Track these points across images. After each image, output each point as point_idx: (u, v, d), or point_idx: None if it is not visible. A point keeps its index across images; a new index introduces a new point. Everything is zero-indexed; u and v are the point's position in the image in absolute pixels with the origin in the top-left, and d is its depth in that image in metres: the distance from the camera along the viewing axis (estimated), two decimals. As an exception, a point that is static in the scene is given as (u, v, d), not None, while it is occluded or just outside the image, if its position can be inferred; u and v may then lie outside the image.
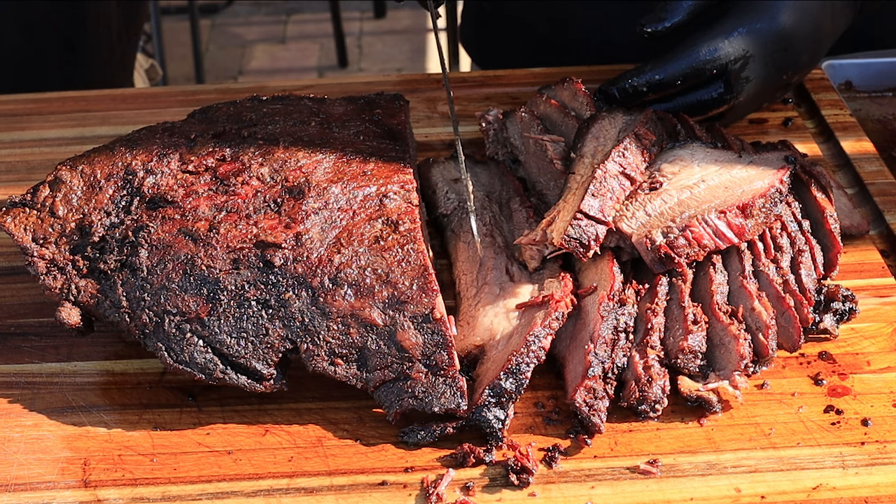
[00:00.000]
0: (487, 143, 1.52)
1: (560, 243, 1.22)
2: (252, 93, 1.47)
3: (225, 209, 1.21)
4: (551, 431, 1.15)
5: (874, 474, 1.10)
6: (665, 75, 1.41)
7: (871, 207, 1.44)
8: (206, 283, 1.17)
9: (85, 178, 1.26)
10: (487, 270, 1.30)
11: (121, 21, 2.05)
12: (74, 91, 1.76)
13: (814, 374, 1.21)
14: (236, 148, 1.28)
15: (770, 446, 1.13)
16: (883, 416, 1.16)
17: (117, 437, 1.16)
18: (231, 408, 1.19)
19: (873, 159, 1.51)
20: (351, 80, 1.93)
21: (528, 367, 1.14)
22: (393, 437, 1.15)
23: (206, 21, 4.97)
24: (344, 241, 1.18)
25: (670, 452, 1.12)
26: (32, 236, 1.23)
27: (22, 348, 1.28)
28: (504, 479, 1.10)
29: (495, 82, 1.74)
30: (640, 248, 1.22)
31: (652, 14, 1.41)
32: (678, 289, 1.22)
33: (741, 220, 1.22)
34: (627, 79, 1.42)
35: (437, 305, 1.15)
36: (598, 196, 1.24)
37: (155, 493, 1.10)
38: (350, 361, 1.15)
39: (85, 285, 1.20)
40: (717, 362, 1.18)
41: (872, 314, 1.28)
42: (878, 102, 1.68)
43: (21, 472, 1.13)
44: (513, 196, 1.40)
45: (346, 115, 1.38)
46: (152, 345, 1.17)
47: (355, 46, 4.83)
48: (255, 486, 1.11)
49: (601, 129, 1.37)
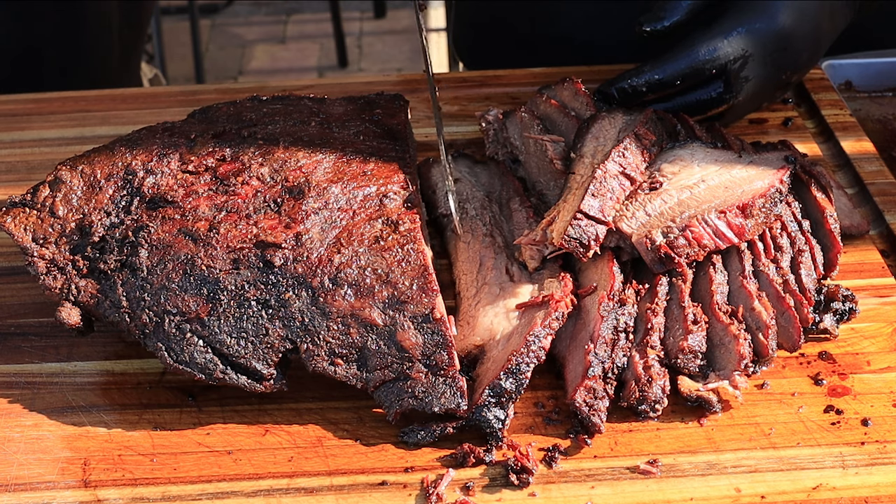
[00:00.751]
0: (487, 143, 1.52)
1: (560, 243, 1.22)
2: (252, 93, 1.47)
3: (225, 209, 1.21)
4: (551, 431, 1.15)
5: (874, 474, 1.10)
6: (664, 75, 1.41)
7: (871, 207, 1.44)
8: (206, 283, 1.17)
9: (85, 178, 1.26)
10: (487, 270, 1.30)
11: (121, 20, 2.05)
12: (74, 91, 1.76)
13: (814, 374, 1.21)
14: (236, 148, 1.28)
15: (770, 446, 1.13)
16: (883, 416, 1.16)
17: (117, 437, 1.16)
18: (231, 408, 1.19)
19: (873, 159, 1.51)
20: (351, 80, 1.93)
21: (528, 367, 1.14)
22: (393, 437, 1.15)
23: (206, 21, 4.98)
24: (344, 241, 1.18)
25: (670, 452, 1.12)
26: (32, 236, 1.23)
27: (22, 348, 1.28)
28: (504, 479, 1.10)
29: (495, 82, 1.74)
30: (640, 248, 1.22)
31: (650, 13, 1.41)
32: (678, 289, 1.22)
33: (741, 220, 1.22)
34: (626, 79, 1.42)
35: (437, 305, 1.15)
36: (598, 196, 1.24)
37: (155, 493, 1.10)
38: (350, 361, 1.15)
39: (85, 285, 1.20)
40: (717, 362, 1.18)
41: (872, 314, 1.28)
42: (878, 102, 1.68)
43: (21, 472, 1.13)
44: (513, 196, 1.40)
45: (346, 115, 1.38)
46: (152, 345, 1.17)
47: (355, 46, 4.83)
48: (255, 486, 1.11)
49: (601, 129, 1.37)
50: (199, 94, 1.74)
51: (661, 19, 1.40)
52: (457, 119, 1.66)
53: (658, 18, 1.40)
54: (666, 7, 1.40)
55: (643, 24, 1.40)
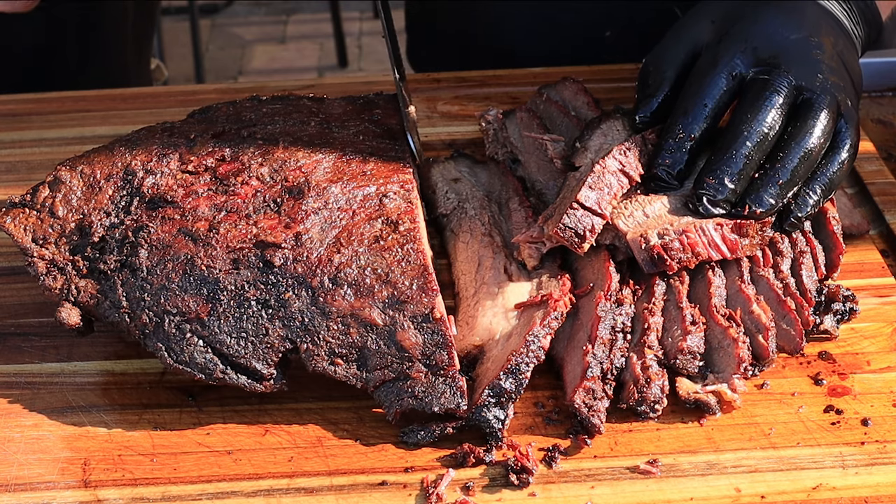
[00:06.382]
0: (487, 143, 1.52)
1: (555, 232, 1.22)
2: (252, 93, 1.47)
3: (225, 209, 1.21)
4: (551, 431, 1.15)
5: (874, 474, 1.10)
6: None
7: (871, 207, 1.44)
8: (206, 283, 1.17)
9: (85, 178, 1.26)
10: (486, 270, 1.30)
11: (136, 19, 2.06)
12: (74, 91, 1.76)
13: (814, 373, 1.21)
14: (236, 148, 1.28)
15: (770, 446, 1.13)
16: (883, 415, 1.16)
17: (117, 437, 1.16)
18: (231, 408, 1.19)
19: (873, 159, 1.51)
20: (350, 80, 1.93)
21: (527, 366, 1.14)
22: (393, 437, 1.15)
23: (206, 21, 4.97)
24: (344, 240, 1.18)
25: (670, 452, 1.12)
26: (32, 237, 1.23)
27: (22, 348, 1.28)
28: (504, 479, 1.10)
29: (495, 82, 1.74)
30: (634, 246, 1.22)
31: (637, 104, 1.36)
32: (675, 290, 1.22)
33: (736, 236, 1.22)
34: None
35: (437, 305, 1.15)
36: (595, 189, 1.24)
37: (155, 493, 1.10)
38: (350, 361, 1.15)
39: (85, 285, 1.20)
40: (716, 364, 1.18)
41: (872, 314, 1.28)
42: (878, 102, 1.68)
43: (21, 472, 1.13)
44: (512, 196, 1.40)
45: (346, 115, 1.38)
46: (152, 345, 1.17)
47: (355, 46, 4.83)
48: (255, 486, 1.11)
49: (611, 127, 1.37)
50: (198, 94, 1.74)
51: (649, 98, 1.35)
52: (457, 119, 1.66)
53: (646, 102, 1.35)
54: (646, 91, 1.36)
55: (638, 117, 1.35)
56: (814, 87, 1.28)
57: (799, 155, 1.25)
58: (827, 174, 1.27)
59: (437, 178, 1.47)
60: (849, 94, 1.31)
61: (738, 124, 1.26)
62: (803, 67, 1.30)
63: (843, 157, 1.28)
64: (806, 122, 1.26)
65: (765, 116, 1.26)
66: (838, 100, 1.29)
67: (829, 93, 1.28)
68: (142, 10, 2.09)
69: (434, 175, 1.47)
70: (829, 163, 1.27)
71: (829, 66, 1.31)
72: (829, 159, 1.27)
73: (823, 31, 1.35)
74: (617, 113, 1.41)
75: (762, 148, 1.25)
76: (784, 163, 1.25)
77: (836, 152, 1.28)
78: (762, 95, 1.27)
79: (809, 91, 1.28)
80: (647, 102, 1.35)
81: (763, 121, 1.26)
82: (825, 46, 1.32)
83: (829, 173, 1.27)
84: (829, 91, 1.28)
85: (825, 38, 1.33)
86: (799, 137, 1.26)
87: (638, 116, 1.34)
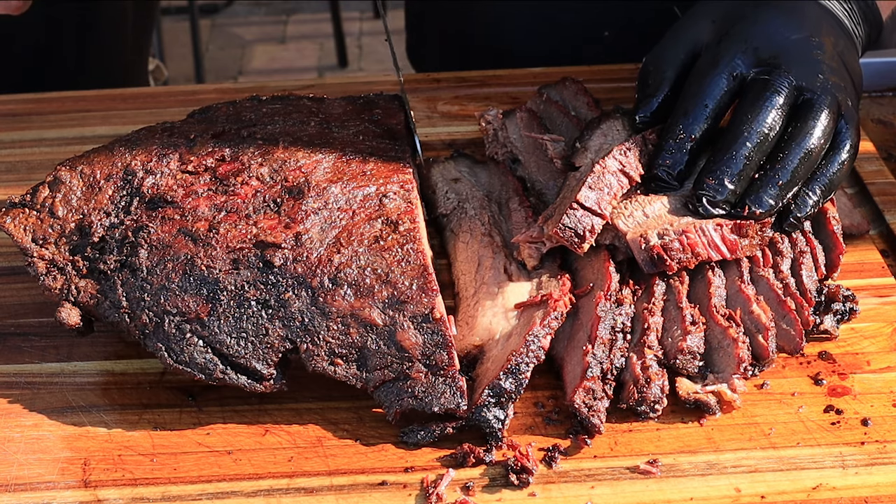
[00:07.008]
0: (487, 143, 1.52)
1: (555, 232, 1.22)
2: (252, 93, 1.47)
3: (225, 209, 1.21)
4: (551, 431, 1.15)
5: (874, 474, 1.10)
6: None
7: (871, 207, 1.44)
8: (206, 284, 1.17)
9: (84, 178, 1.26)
10: (486, 270, 1.30)
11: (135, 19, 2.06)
12: (74, 91, 1.76)
13: (814, 373, 1.21)
14: (236, 148, 1.28)
15: (770, 446, 1.13)
16: (883, 415, 1.16)
17: (117, 437, 1.16)
18: (231, 408, 1.19)
19: (873, 159, 1.51)
20: (351, 80, 1.93)
21: (527, 366, 1.14)
22: (393, 437, 1.15)
23: (206, 21, 4.97)
24: (344, 240, 1.18)
25: (670, 452, 1.12)
26: (32, 237, 1.23)
27: (22, 348, 1.28)
28: (504, 479, 1.10)
29: (495, 82, 1.74)
30: (633, 246, 1.22)
31: (637, 104, 1.36)
32: (675, 290, 1.22)
33: (736, 236, 1.22)
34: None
35: (436, 305, 1.15)
36: (594, 189, 1.24)
37: (155, 493, 1.10)
38: (350, 361, 1.15)
39: (85, 286, 1.20)
40: (716, 365, 1.18)
41: (872, 314, 1.28)
42: (878, 102, 1.68)
43: (21, 472, 1.13)
44: (512, 196, 1.40)
45: (346, 115, 1.38)
46: (152, 345, 1.17)
47: (355, 46, 4.83)
48: (255, 486, 1.11)
49: (611, 127, 1.37)
50: (198, 94, 1.74)
51: (649, 98, 1.35)
52: (457, 119, 1.66)
53: (646, 102, 1.35)
54: (646, 91, 1.36)
55: (638, 121, 1.34)
56: (814, 88, 1.28)
57: (799, 155, 1.25)
58: (827, 174, 1.27)
59: (437, 178, 1.47)
60: (849, 95, 1.31)
61: (738, 125, 1.26)
62: (804, 68, 1.30)
63: (843, 157, 1.28)
64: (806, 123, 1.26)
65: (765, 117, 1.26)
66: (839, 100, 1.29)
67: (829, 93, 1.28)
68: (141, 9, 2.09)
69: (434, 175, 1.47)
70: (830, 163, 1.27)
71: (829, 66, 1.31)
72: (830, 160, 1.28)
73: (824, 31, 1.35)
74: (617, 113, 1.41)
75: (762, 148, 1.26)
76: (784, 163, 1.25)
77: (836, 153, 1.28)
78: (762, 96, 1.27)
79: (810, 91, 1.28)
80: (647, 102, 1.35)
81: (763, 121, 1.26)
82: (826, 46, 1.32)
83: (829, 174, 1.27)
84: (829, 91, 1.28)
85: (826, 38, 1.33)
86: (799, 138, 1.26)
87: (638, 116, 1.35)
